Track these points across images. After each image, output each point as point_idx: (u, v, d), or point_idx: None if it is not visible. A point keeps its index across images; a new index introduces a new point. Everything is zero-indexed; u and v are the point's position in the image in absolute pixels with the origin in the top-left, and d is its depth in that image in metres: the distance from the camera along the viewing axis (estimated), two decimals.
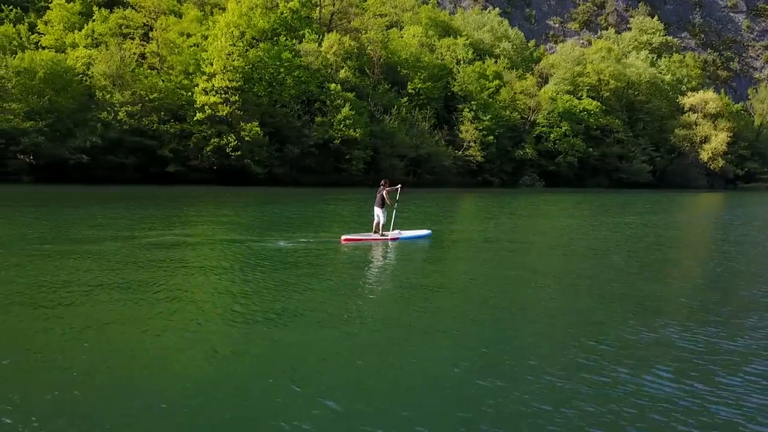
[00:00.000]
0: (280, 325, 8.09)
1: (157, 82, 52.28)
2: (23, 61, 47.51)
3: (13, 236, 16.39)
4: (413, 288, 10.93)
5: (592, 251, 17.07)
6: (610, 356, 7.07)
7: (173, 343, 7.31)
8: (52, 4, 58.77)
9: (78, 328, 7.77)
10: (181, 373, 6.39)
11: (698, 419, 5.47)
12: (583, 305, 9.84)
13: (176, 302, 9.25)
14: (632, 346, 7.44)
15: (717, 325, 8.62)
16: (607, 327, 8.37)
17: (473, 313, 9.24)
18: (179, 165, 52.30)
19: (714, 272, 14.23)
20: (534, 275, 12.71)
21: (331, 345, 7.35)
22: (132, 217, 22.75)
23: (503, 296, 10.56)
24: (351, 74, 63.41)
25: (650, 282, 12.19)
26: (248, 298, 9.67)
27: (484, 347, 7.38)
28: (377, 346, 7.39)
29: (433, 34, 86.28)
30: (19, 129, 45.72)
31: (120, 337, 7.48)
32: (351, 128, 58.88)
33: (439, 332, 8.03)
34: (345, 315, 8.68)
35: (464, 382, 6.24)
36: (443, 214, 31.31)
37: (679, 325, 8.47)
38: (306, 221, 24.51)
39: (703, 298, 10.78)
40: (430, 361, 6.83)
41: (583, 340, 7.66)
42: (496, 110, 76.98)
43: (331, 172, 61.14)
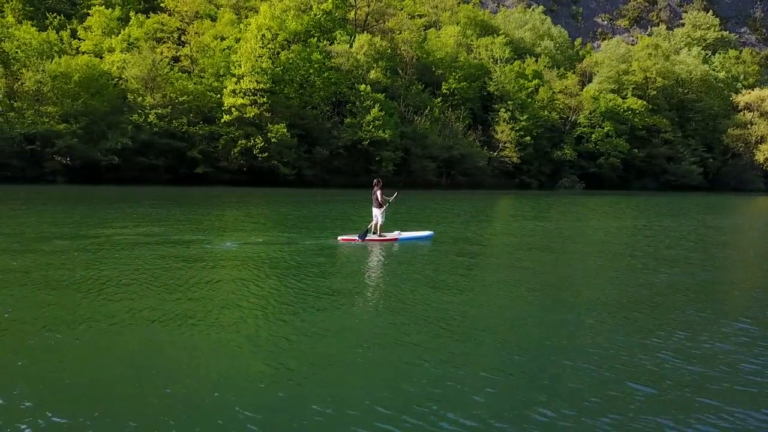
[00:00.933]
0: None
1: (187, 84, 53.10)
2: (60, 66, 49.05)
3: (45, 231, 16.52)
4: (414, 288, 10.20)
5: (649, 257, 15.82)
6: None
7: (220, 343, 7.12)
8: (92, 11, 60.61)
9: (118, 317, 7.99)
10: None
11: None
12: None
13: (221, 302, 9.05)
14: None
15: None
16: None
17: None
18: (208, 166, 52.96)
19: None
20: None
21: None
22: (151, 216, 22.79)
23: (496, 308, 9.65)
24: (382, 75, 62.89)
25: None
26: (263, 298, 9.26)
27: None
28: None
29: (471, 34, 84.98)
30: (55, 131, 47.22)
31: (155, 330, 7.55)
32: (380, 129, 58.39)
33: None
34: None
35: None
36: (455, 215, 30.26)
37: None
38: (328, 221, 24.06)
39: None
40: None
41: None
42: (534, 110, 75.10)
43: (361, 173, 60.67)
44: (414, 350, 6.87)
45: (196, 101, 53.10)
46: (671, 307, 9.33)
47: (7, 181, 47.81)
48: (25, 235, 16.09)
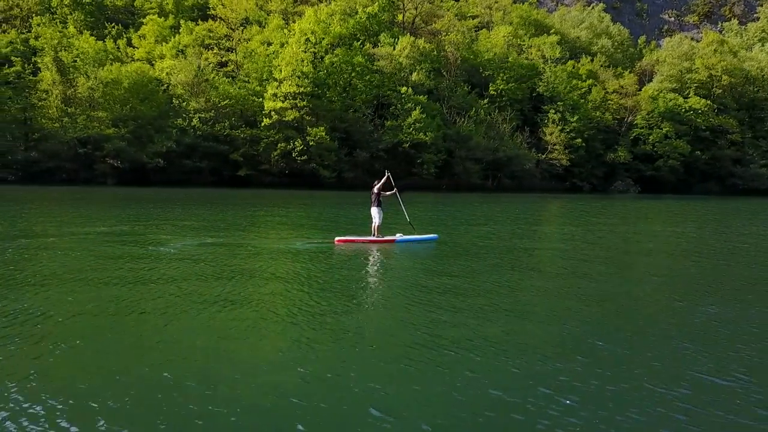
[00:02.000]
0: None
1: (229, 89, 54.43)
2: (111, 73, 51.36)
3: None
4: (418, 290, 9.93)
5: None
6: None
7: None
8: (146, 20, 63.18)
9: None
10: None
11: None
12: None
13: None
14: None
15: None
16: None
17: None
18: (250, 169, 54.10)
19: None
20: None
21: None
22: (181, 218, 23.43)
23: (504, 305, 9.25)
24: (425, 77, 62.41)
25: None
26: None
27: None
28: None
29: (524, 34, 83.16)
30: (105, 135, 49.50)
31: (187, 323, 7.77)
32: (421, 131, 57.99)
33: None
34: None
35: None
36: (478, 216, 29.52)
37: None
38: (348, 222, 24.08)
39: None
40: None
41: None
42: (586, 111, 72.63)
43: (403, 175, 60.30)
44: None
45: (238, 105, 54.39)
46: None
47: (63, 182, 50.65)
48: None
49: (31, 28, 59.47)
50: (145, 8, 69.01)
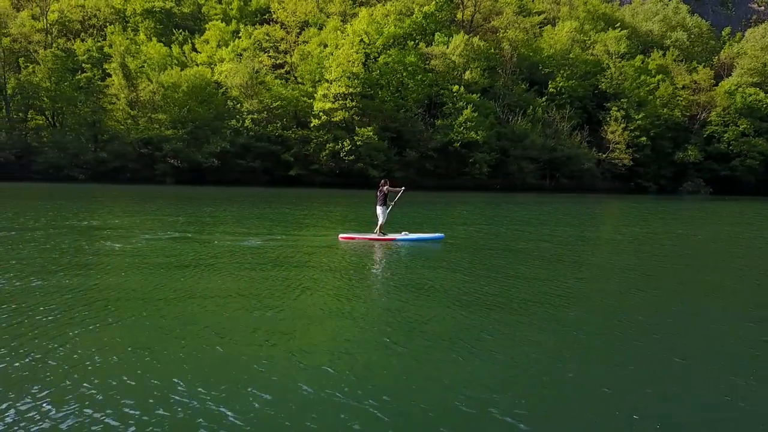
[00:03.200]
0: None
1: (281, 90, 55.81)
2: (171, 77, 53.93)
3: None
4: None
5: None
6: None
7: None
8: (208, 25, 65.84)
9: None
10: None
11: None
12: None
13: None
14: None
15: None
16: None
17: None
18: (301, 168, 55.25)
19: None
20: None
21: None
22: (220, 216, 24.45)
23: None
24: (479, 75, 61.48)
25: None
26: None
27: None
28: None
29: (590, 29, 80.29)
30: (164, 136, 52.07)
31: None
32: (472, 130, 57.23)
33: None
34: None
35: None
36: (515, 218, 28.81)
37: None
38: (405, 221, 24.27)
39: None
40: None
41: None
42: (654, 108, 69.18)
43: (454, 175, 59.95)
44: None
45: (290, 106, 55.69)
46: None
47: (127, 181, 53.67)
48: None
49: (106, 36, 63.42)
50: (210, 14, 71.91)
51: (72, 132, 54.87)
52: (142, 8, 69.87)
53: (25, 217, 20.49)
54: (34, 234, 15.79)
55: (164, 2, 71.37)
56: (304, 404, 5.16)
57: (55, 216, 21.20)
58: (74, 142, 53.96)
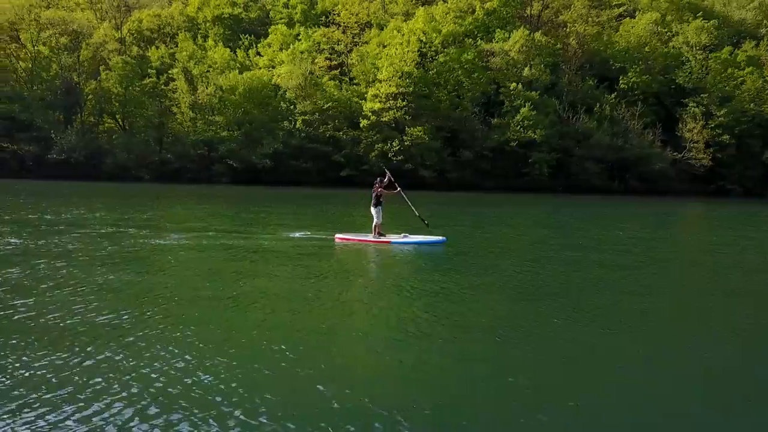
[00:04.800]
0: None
1: (334, 92, 56.00)
2: (228, 80, 55.53)
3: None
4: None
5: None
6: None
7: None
8: (271, 29, 67.29)
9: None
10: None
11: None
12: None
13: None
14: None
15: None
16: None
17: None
18: (352, 169, 55.16)
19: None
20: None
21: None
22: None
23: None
24: (540, 71, 58.84)
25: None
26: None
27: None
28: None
29: (672, 19, 74.86)
30: (219, 138, 53.71)
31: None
32: (530, 129, 54.89)
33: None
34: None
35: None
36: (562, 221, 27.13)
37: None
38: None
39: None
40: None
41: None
42: (740, 103, 63.35)
43: (512, 176, 57.70)
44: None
45: (341, 107, 55.78)
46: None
47: (187, 181, 55.83)
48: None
49: (177, 43, 66.38)
50: (276, 19, 73.50)
51: (139, 134, 57.83)
52: (212, 15, 72.63)
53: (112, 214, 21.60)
54: (106, 231, 16.28)
55: (233, 8, 73.83)
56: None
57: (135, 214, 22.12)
58: (141, 144, 56.82)
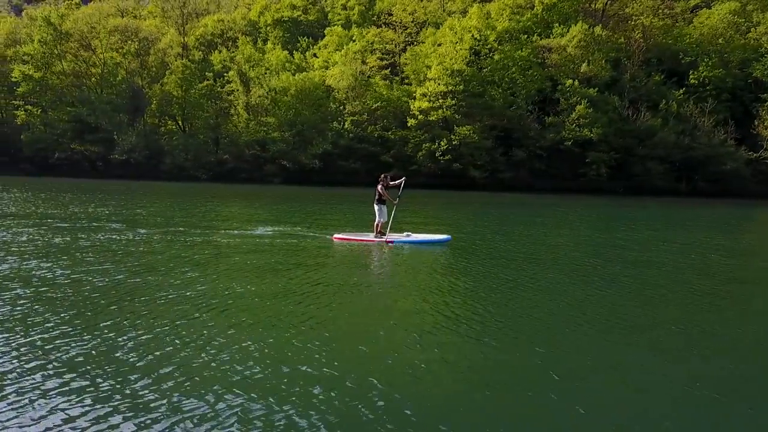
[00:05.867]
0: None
1: (383, 92, 55.70)
2: (280, 82, 56.40)
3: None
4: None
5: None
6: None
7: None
8: (327, 31, 67.93)
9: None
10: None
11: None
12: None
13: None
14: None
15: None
16: None
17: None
18: (400, 169, 54.55)
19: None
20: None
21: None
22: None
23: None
24: (599, 67, 56.19)
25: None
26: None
27: None
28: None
29: (754, 9, 69.67)
30: (270, 139, 54.61)
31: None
32: (586, 128, 52.48)
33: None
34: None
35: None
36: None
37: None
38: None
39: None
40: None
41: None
42: None
43: (568, 176, 55.43)
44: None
45: (390, 107, 55.40)
46: None
47: (241, 181, 57.14)
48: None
49: (237, 46, 68.28)
50: (334, 20, 74.23)
51: (197, 135, 59.77)
52: (272, 19, 74.24)
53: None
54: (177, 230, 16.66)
55: (292, 12, 75.17)
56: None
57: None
58: (198, 144, 58.70)
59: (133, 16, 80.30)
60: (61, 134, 57.90)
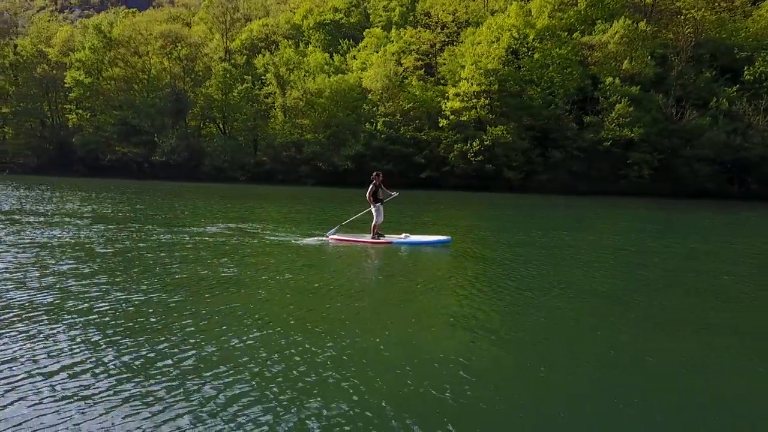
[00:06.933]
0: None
1: (415, 92, 55.26)
2: (316, 84, 56.88)
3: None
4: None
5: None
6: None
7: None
8: (365, 32, 68.01)
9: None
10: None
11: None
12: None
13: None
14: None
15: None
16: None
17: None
18: (434, 171, 54.11)
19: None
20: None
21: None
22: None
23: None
24: (643, 64, 53.78)
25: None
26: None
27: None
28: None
29: None
30: (304, 140, 55.15)
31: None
32: (626, 127, 50.35)
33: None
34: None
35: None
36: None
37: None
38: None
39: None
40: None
41: None
42: None
43: (608, 178, 53.31)
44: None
45: (423, 107, 54.91)
46: None
47: (278, 182, 57.87)
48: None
49: (279, 49, 69.41)
50: (375, 22, 74.23)
51: (236, 137, 61.12)
52: (314, 22, 75.03)
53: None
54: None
55: (334, 14, 75.72)
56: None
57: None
58: (237, 146, 59.99)
59: (186, 24, 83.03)
60: (109, 137, 60.45)
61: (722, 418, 4.81)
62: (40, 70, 66.85)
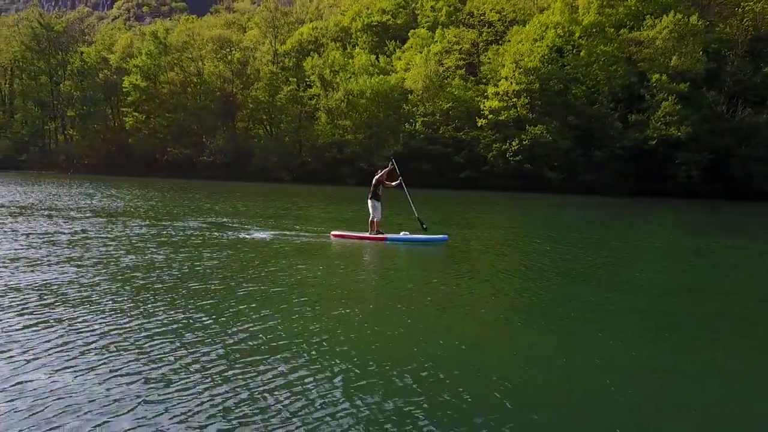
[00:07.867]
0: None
1: (454, 92, 55.05)
2: (357, 85, 57.59)
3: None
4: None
5: None
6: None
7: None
8: (410, 33, 68.16)
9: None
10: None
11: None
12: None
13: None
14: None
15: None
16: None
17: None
18: (473, 171, 53.76)
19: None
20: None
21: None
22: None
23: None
24: (693, 60, 51.55)
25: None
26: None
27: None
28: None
29: None
30: (345, 140, 55.99)
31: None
32: (673, 126, 48.47)
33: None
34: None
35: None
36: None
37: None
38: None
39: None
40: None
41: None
42: None
43: (657, 179, 51.44)
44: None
45: (463, 107, 54.66)
46: None
47: (321, 182, 58.99)
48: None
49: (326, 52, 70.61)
50: (422, 23, 74.25)
51: (282, 138, 62.71)
52: (362, 24, 75.83)
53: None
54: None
55: (382, 16, 76.27)
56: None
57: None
58: (283, 147, 61.55)
59: (242, 29, 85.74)
60: (162, 138, 63.37)
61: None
62: (102, 75, 70.83)
